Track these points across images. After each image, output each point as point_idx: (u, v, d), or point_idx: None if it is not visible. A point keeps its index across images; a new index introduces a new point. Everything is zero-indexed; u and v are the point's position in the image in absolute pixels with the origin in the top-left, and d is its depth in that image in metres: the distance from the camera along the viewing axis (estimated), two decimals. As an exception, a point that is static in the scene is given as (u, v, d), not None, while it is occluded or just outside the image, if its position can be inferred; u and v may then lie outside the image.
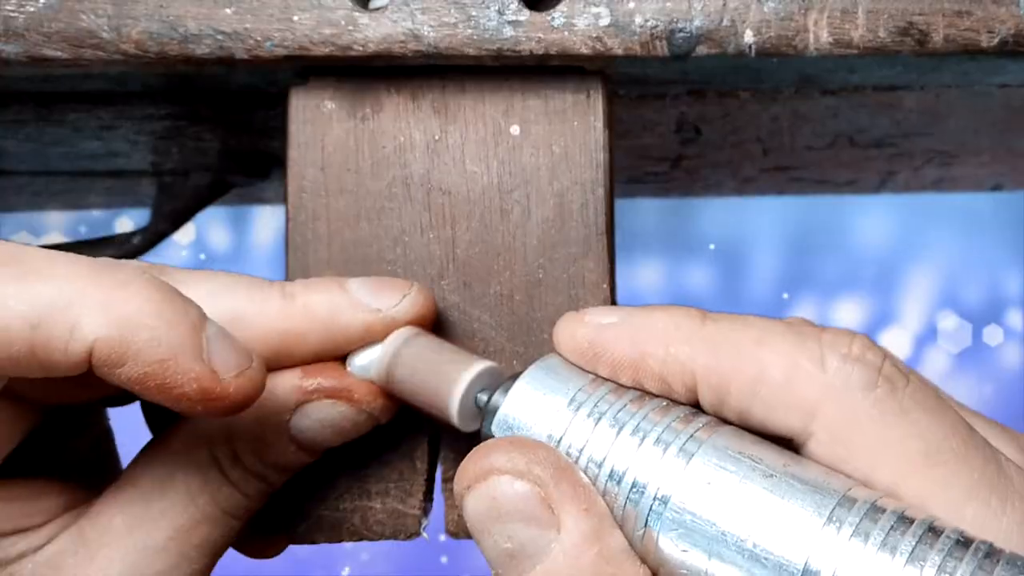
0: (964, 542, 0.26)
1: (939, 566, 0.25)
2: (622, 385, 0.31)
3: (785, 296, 1.26)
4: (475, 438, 0.32)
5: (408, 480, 0.35)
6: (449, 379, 0.32)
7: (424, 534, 0.36)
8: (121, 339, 0.27)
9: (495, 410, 0.31)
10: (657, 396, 0.30)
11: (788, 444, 0.29)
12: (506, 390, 0.31)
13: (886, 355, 0.29)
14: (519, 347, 0.35)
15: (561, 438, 0.30)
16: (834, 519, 0.26)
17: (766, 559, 0.27)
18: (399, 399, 0.33)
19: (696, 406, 0.30)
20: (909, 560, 0.25)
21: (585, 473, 0.29)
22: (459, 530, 0.36)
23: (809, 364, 0.28)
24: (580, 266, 0.36)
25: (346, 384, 0.32)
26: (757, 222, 1.27)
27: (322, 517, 0.35)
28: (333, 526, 0.35)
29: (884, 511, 0.27)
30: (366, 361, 0.33)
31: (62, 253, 0.28)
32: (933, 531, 0.26)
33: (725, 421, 0.30)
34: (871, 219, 1.27)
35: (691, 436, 0.29)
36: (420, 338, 0.33)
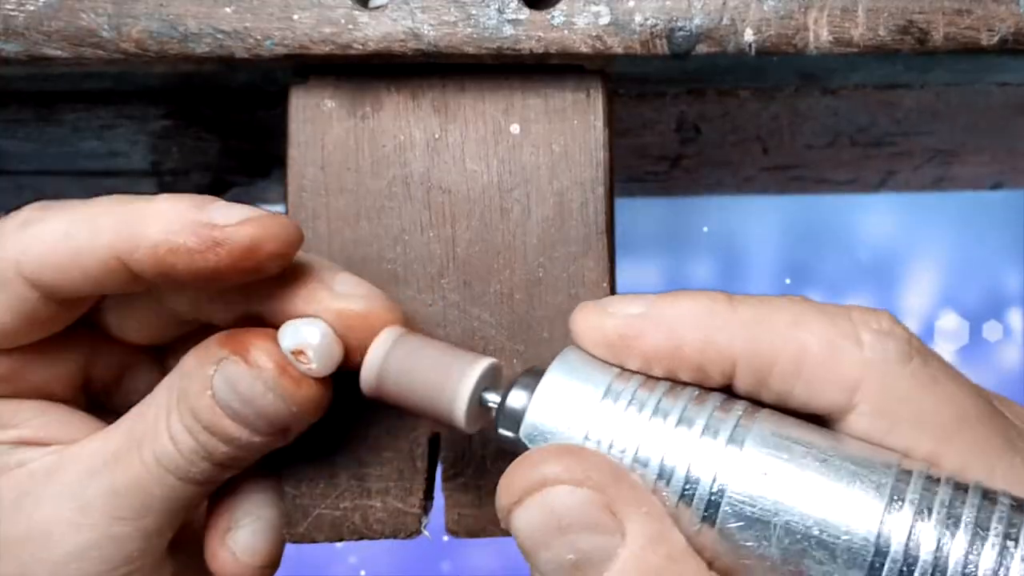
0: (1018, 504, 0.27)
1: (1004, 532, 0.26)
2: (651, 376, 0.30)
3: (786, 284, 1.26)
4: (476, 435, 0.31)
5: (408, 479, 0.35)
6: (453, 378, 0.30)
7: (426, 532, 0.36)
8: (131, 231, 0.31)
9: (516, 414, 0.30)
10: (689, 384, 0.30)
11: (821, 421, 0.30)
12: (525, 388, 0.30)
13: (909, 330, 0.30)
14: (519, 346, 0.35)
15: (600, 437, 0.28)
16: (895, 496, 0.27)
17: (834, 543, 0.27)
18: (392, 405, 0.32)
19: (727, 390, 0.30)
20: (975, 527, 0.26)
21: (632, 473, 0.28)
22: (459, 530, 0.36)
23: (846, 341, 0.29)
24: (580, 265, 0.36)
25: (245, 340, 0.31)
26: (757, 221, 1.27)
27: (322, 516, 0.35)
28: (333, 525, 0.35)
29: (939, 481, 0.27)
30: (297, 335, 0.31)
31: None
32: (987, 497, 0.27)
33: (760, 404, 0.29)
34: (871, 217, 1.27)
35: (737, 423, 0.28)
36: (410, 337, 0.32)
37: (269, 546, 0.35)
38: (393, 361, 0.31)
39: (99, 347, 0.35)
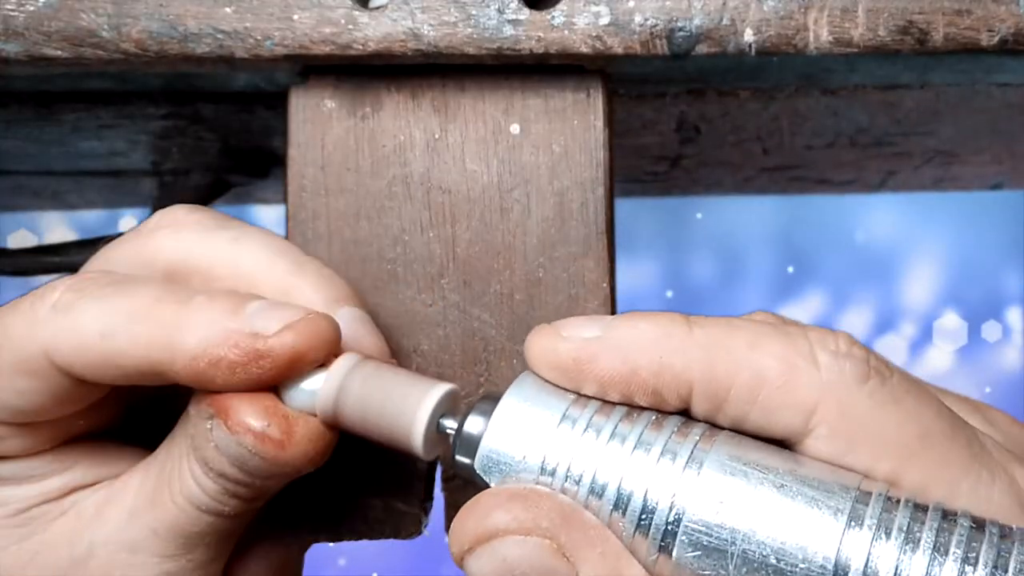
0: (978, 525, 0.26)
1: (963, 555, 0.26)
2: (607, 401, 0.29)
3: (786, 284, 1.26)
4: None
5: (408, 479, 0.35)
6: (408, 407, 0.30)
7: (426, 532, 0.36)
8: (168, 343, 0.30)
9: (473, 440, 0.29)
10: (647, 409, 0.29)
11: (781, 445, 0.29)
12: (482, 414, 0.29)
13: (868, 349, 0.30)
14: (519, 346, 0.35)
15: (557, 464, 0.28)
16: (853, 520, 0.26)
17: (792, 572, 0.26)
18: (348, 432, 0.31)
19: (684, 414, 0.29)
20: (934, 551, 0.26)
21: (587, 506, 0.28)
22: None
23: (804, 363, 0.28)
24: (580, 265, 0.36)
25: (224, 405, 0.30)
26: (757, 221, 1.27)
27: (322, 517, 0.35)
28: (333, 526, 0.35)
29: (898, 503, 0.27)
30: (305, 392, 0.30)
31: (152, 280, 0.31)
32: (947, 518, 0.27)
33: (717, 427, 0.29)
34: (871, 218, 1.27)
35: (695, 447, 0.28)
36: (366, 365, 0.31)
37: None
38: (349, 389, 0.30)
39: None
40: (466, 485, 0.36)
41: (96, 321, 0.30)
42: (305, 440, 0.30)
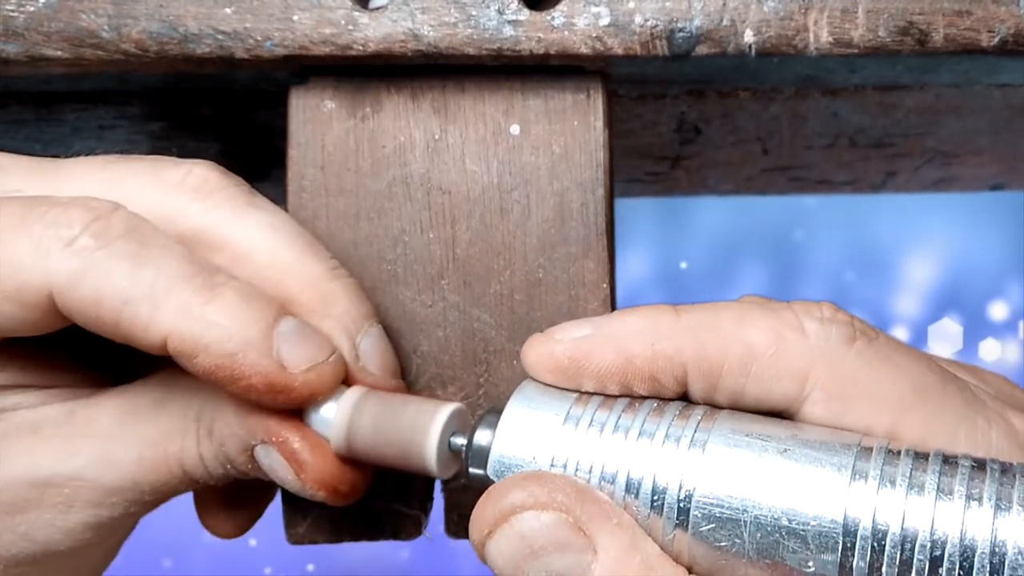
0: (979, 465, 0.27)
1: (966, 494, 0.26)
2: (608, 395, 0.30)
3: (786, 284, 1.26)
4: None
5: (408, 480, 0.35)
6: (418, 430, 0.31)
7: (426, 533, 0.36)
8: (192, 334, 0.29)
9: (483, 451, 0.30)
10: (647, 398, 0.30)
11: (780, 416, 0.30)
12: (488, 426, 0.30)
13: (852, 315, 0.31)
14: (519, 347, 0.35)
15: (566, 461, 0.29)
16: (857, 474, 0.27)
17: (805, 530, 0.27)
18: (366, 463, 0.32)
19: (684, 399, 0.30)
20: (938, 493, 0.27)
21: (600, 491, 0.29)
22: (459, 531, 0.36)
23: (791, 332, 0.29)
24: (580, 266, 0.36)
25: (298, 457, 0.31)
26: (756, 222, 1.27)
27: (322, 517, 0.35)
28: (333, 526, 0.35)
29: (899, 454, 0.28)
30: (324, 420, 0.32)
31: (177, 247, 0.30)
32: (948, 462, 0.27)
33: (717, 407, 0.30)
34: (870, 218, 1.27)
35: (696, 427, 0.29)
36: (372, 396, 0.32)
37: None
38: (359, 422, 0.31)
39: None
40: (466, 487, 0.36)
41: (119, 284, 0.29)
42: (349, 484, 0.32)
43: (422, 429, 0.31)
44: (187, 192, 0.32)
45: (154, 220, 0.31)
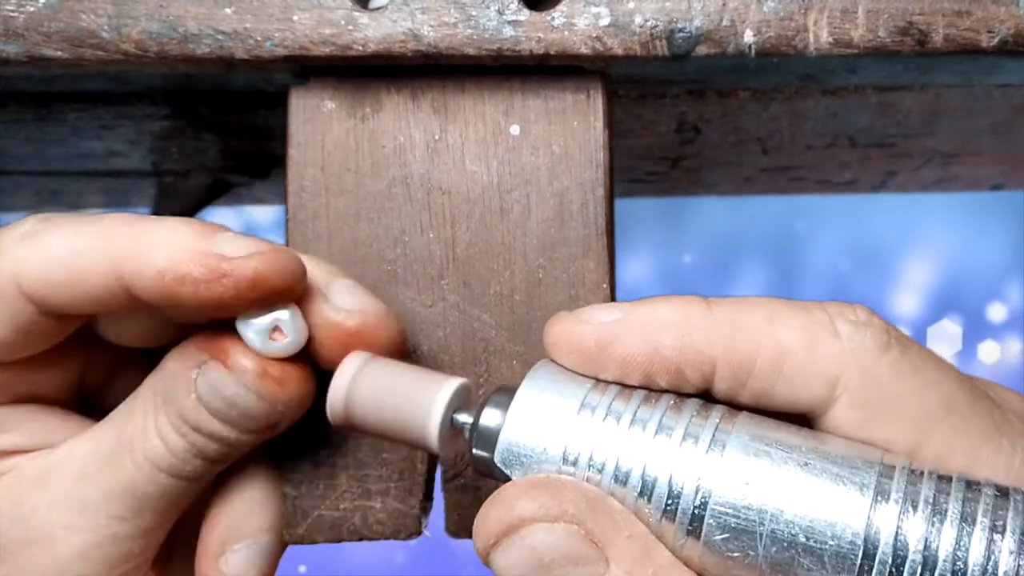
0: (1002, 493, 0.27)
1: (990, 523, 0.26)
2: (626, 386, 0.29)
3: (785, 284, 1.26)
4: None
5: (408, 480, 0.35)
6: (423, 401, 0.30)
7: (426, 533, 0.36)
8: (139, 251, 0.30)
9: (490, 433, 0.29)
10: (665, 392, 0.29)
11: (802, 420, 0.29)
12: (497, 406, 0.29)
13: (886, 321, 0.30)
14: (519, 347, 0.35)
15: (579, 453, 0.28)
16: (879, 495, 0.27)
17: (822, 549, 0.26)
18: (363, 433, 0.31)
19: (703, 395, 0.29)
20: (961, 521, 0.26)
21: (612, 494, 0.28)
22: (459, 530, 0.36)
23: (825, 334, 0.29)
24: (580, 266, 0.36)
25: (224, 344, 0.31)
26: (756, 222, 1.27)
27: (322, 517, 0.35)
28: (333, 526, 0.35)
29: (922, 476, 0.27)
30: (257, 328, 0.31)
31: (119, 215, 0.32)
32: (971, 488, 0.27)
33: (737, 406, 0.29)
34: (870, 218, 1.27)
35: (716, 428, 0.28)
36: (374, 363, 0.31)
37: (262, 572, 0.35)
38: (360, 388, 0.30)
39: (94, 350, 0.35)
40: (466, 486, 0.36)
41: (65, 241, 0.31)
42: (297, 380, 0.32)
43: (425, 403, 0.30)
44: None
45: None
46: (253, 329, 0.31)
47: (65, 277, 0.30)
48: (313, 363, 0.33)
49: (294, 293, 0.31)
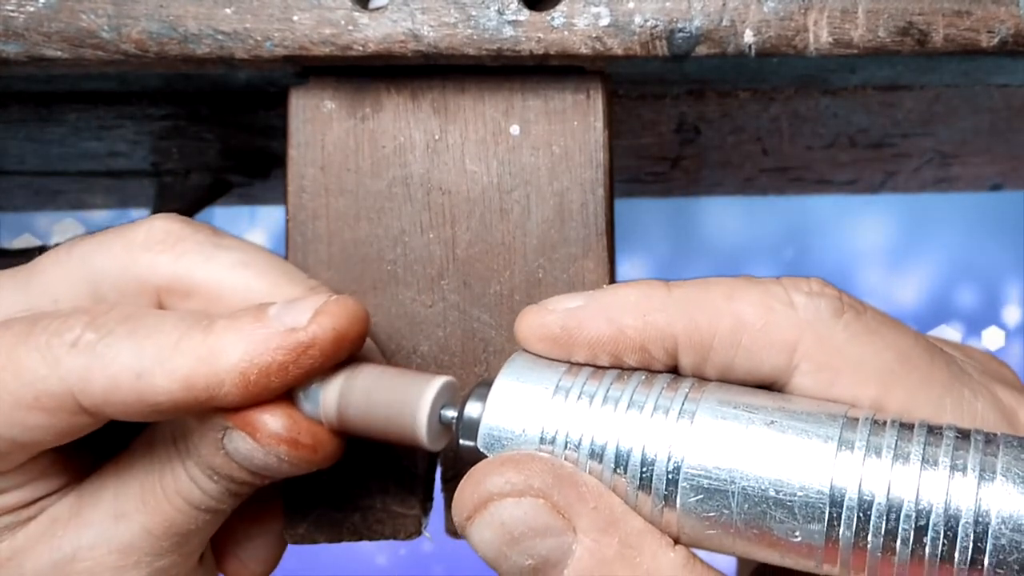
0: (963, 435, 0.27)
1: (951, 463, 0.27)
2: (599, 367, 0.30)
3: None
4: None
5: (408, 480, 0.35)
6: (409, 402, 0.31)
7: (426, 533, 0.36)
8: (208, 363, 0.30)
9: (473, 423, 0.30)
10: (636, 370, 0.30)
11: (769, 389, 0.30)
12: (479, 398, 0.30)
13: (840, 290, 0.31)
14: (519, 346, 0.35)
15: (555, 432, 0.29)
16: (844, 445, 0.27)
17: (791, 501, 0.27)
18: (356, 436, 0.32)
19: (673, 371, 0.31)
20: (923, 463, 0.27)
21: (589, 471, 0.29)
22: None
23: (780, 305, 0.30)
24: (580, 266, 0.36)
25: (250, 420, 0.31)
26: (756, 222, 1.27)
27: (322, 517, 0.35)
28: (333, 526, 0.35)
29: (884, 424, 0.28)
30: (314, 396, 0.31)
31: (169, 313, 0.31)
32: (933, 432, 0.28)
33: (706, 379, 0.30)
34: (870, 218, 1.27)
35: (685, 398, 0.29)
36: (364, 369, 0.32)
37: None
38: (350, 393, 0.31)
39: None
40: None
41: (128, 361, 0.30)
42: (329, 441, 0.32)
43: (413, 402, 0.31)
44: (153, 247, 0.33)
45: (129, 281, 0.32)
46: (308, 398, 0.31)
47: (131, 397, 0.30)
48: None
49: (366, 336, 0.32)
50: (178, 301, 0.32)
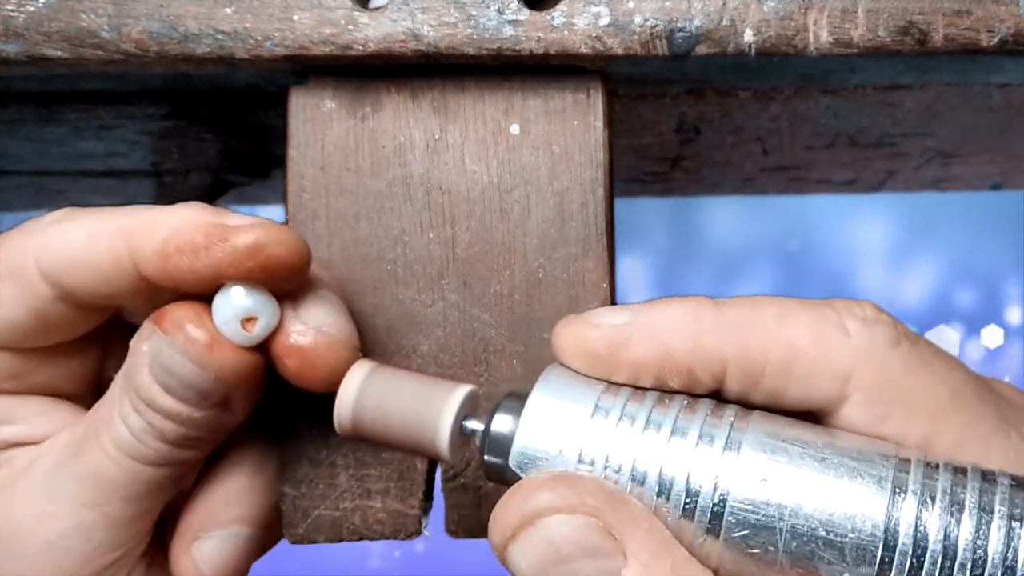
0: (1018, 483, 0.27)
1: (1008, 514, 0.26)
2: (638, 388, 0.29)
3: (785, 284, 1.26)
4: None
5: (408, 479, 0.35)
6: (431, 411, 0.30)
7: (426, 533, 0.36)
8: (146, 224, 0.31)
9: (503, 439, 0.29)
10: (678, 393, 0.29)
11: (814, 418, 0.29)
12: (509, 412, 0.29)
13: (893, 316, 0.30)
14: (519, 347, 0.35)
15: (595, 456, 0.28)
16: (897, 487, 0.27)
17: (842, 542, 0.27)
18: (371, 443, 0.31)
19: (715, 394, 0.29)
20: (979, 511, 0.26)
21: (630, 495, 0.28)
22: (459, 530, 0.36)
23: (834, 331, 0.29)
24: (580, 266, 0.36)
25: (163, 310, 0.31)
26: (756, 222, 1.27)
27: (322, 517, 0.35)
28: (333, 526, 0.35)
29: (938, 468, 0.27)
30: (232, 311, 0.30)
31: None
32: (987, 478, 0.27)
33: (749, 406, 0.29)
34: (870, 218, 1.27)
35: (731, 428, 0.28)
36: (382, 371, 0.31)
37: (234, 564, 0.34)
38: (367, 398, 0.30)
39: (113, 343, 0.35)
40: (466, 486, 0.36)
41: (85, 224, 0.31)
42: (231, 350, 0.30)
43: (435, 412, 0.29)
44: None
45: None
46: (222, 317, 0.30)
47: (80, 256, 0.31)
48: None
49: (293, 273, 0.31)
50: None
